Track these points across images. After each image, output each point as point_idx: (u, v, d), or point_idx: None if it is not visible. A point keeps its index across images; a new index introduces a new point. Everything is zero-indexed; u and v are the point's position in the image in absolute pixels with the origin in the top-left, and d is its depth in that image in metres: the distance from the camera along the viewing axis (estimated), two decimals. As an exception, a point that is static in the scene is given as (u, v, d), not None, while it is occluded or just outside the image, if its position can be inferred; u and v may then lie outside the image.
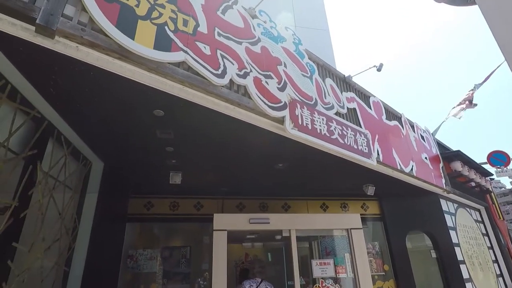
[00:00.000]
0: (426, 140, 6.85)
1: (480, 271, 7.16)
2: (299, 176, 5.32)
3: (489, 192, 9.57)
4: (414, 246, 6.80)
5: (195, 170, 4.73)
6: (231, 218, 3.97)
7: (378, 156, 4.63)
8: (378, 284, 5.97)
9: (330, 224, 4.32)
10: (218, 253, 3.70)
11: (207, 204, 5.80)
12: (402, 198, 6.61)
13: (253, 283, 4.22)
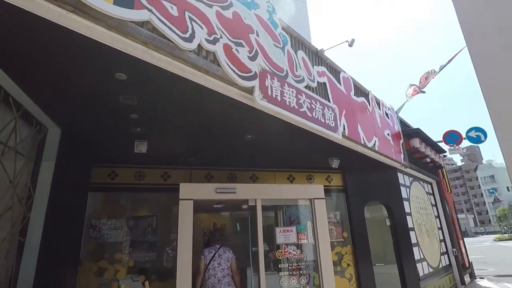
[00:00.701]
0: (390, 117, 7.15)
1: (426, 237, 7.91)
2: (268, 148, 5.37)
3: (441, 168, 10.38)
4: (372, 216, 7.31)
5: (162, 139, 4.60)
6: (198, 187, 3.97)
7: (344, 130, 4.77)
8: (337, 249, 6.41)
9: (294, 194, 4.47)
10: (184, 222, 3.72)
11: (175, 175, 5.73)
12: (364, 171, 6.96)
13: (212, 250, 4.31)
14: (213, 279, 4.07)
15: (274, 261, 4.10)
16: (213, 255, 4.21)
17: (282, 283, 3.97)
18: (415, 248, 7.07)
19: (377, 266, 6.65)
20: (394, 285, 6.65)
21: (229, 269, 4.21)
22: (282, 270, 4.03)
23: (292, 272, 4.06)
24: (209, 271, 4.12)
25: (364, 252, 6.50)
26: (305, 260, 4.21)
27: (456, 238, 9.90)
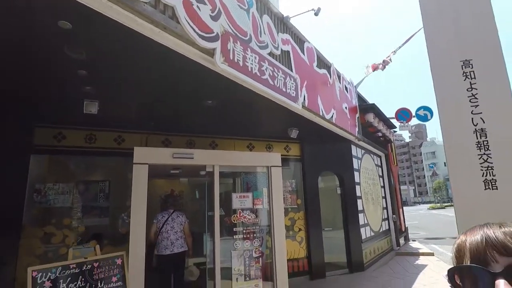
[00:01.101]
0: (349, 91, 7.38)
1: (371, 205, 8.61)
2: (228, 115, 5.31)
3: (391, 142, 11.14)
4: (325, 185, 7.73)
5: (115, 100, 4.32)
6: (153, 152, 3.84)
7: (304, 101, 4.84)
8: (290, 215, 6.76)
9: (252, 161, 4.53)
10: (139, 187, 3.62)
11: (130, 139, 5.48)
12: (320, 142, 7.24)
13: (165, 214, 4.45)
14: (167, 241, 4.25)
15: (230, 226, 4.21)
16: (166, 219, 4.37)
17: (236, 245, 4.12)
18: (361, 215, 7.68)
19: (326, 230, 7.17)
20: (340, 247, 7.26)
21: (182, 232, 4.41)
22: (237, 233, 4.16)
23: (247, 235, 4.21)
24: (163, 234, 4.29)
25: (315, 218, 6.93)
26: (259, 225, 4.38)
27: (396, 206, 10.93)
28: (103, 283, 3.06)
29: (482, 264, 0.52)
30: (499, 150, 2.34)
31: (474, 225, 0.60)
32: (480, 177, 2.34)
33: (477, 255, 0.53)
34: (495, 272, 0.49)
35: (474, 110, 2.39)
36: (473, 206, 2.29)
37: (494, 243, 0.52)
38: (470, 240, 0.56)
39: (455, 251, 0.60)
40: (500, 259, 0.50)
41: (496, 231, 0.54)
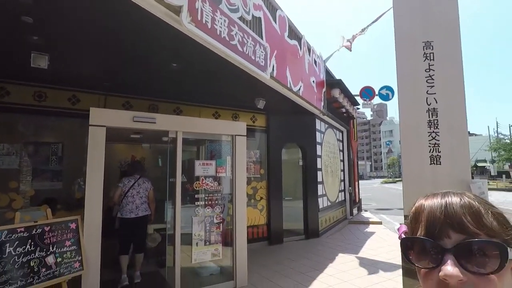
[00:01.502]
0: (318, 66, 7.42)
1: (330, 177, 9.06)
2: (194, 80, 5.13)
3: (353, 119, 11.57)
4: (288, 158, 7.94)
5: (69, 55, 3.95)
6: (112, 114, 3.61)
7: (272, 71, 4.78)
8: (253, 184, 6.91)
9: (216, 129, 4.46)
10: (95, 150, 3.43)
11: (86, 99, 5.12)
12: (286, 114, 7.31)
13: (132, 179, 4.52)
14: (132, 205, 4.35)
15: (191, 193, 4.21)
16: (133, 184, 4.44)
17: (197, 211, 4.15)
18: (320, 186, 8.06)
19: (286, 200, 7.47)
20: (298, 215, 7.64)
21: (147, 197, 4.54)
22: (199, 200, 4.18)
23: (208, 202, 4.25)
24: (128, 198, 4.37)
25: (277, 188, 7.17)
26: (222, 192, 4.43)
27: (353, 179, 11.61)
28: (56, 247, 2.96)
29: (435, 237, 0.51)
30: (446, 129, 2.51)
31: (417, 197, 0.60)
32: (427, 153, 2.52)
33: (432, 226, 0.51)
34: (446, 248, 0.49)
35: (430, 90, 2.52)
36: (418, 180, 2.48)
37: (451, 217, 0.50)
38: (429, 209, 0.54)
39: (412, 216, 0.57)
40: (453, 235, 0.49)
41: (456, 203, 0.52)
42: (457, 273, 0.46)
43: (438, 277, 0.48)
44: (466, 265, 0.47)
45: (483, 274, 0.46)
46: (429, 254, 0.50)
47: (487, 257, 0.47)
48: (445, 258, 0.48)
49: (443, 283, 0.48)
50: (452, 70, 2.47)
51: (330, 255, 6.04)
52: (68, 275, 3.01)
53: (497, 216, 0.52)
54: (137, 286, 4.36)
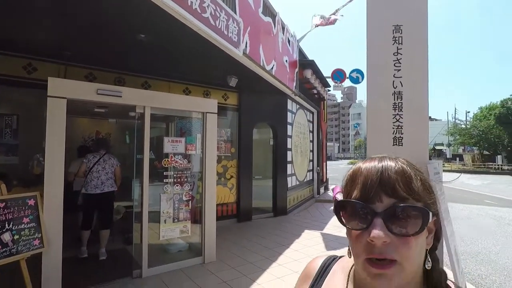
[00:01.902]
0: (291, 45, 7.37)
1: (299, 157, 9.27)
2: (164, 54, 4.91)
3: (324, 100, 11.78)
4: (259, 137, 7.99)
5: (22, 19, 3.59)
6: (73, 85, 3.37)
7: (245, 48, 4.69)
8: (223, 162, 6.91)
9: (187, 106, 4.34)
10: (55, 124, 3.20)
11: (43, 68, 4.74)
12: (258, 94, 7.28)
13: (97, 155, 4.48)
14: (97, 181, 4.35)
15: (160, 171, 4.12)
16: (97, 160, 4.41)
17: (165, 188, 4.09)
18: (289, 165, 8.24)
19: (256, 179, 7.58)
20: (267, 194, 7.81)
21: (113, 173, 4.54)
22: (168, 177, 4.11)
23: (177, 179, 4.20)
24: (93, 174, 4.35)
25: (247, 167, 7.23)
26: (191, 170, 4.38)
27: (321, 160, 11.98)
28: (12, 224, 2.80)
29: (368, 200, 0.52)
30: (409, 112, 2.63)
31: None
32: (390, 135, 2.64)
33: (368, 190, 0.53)
34: (376, 212, 0.51)
35: (396, 74, 2.60)
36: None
37: (385, 183, 0.52)
38: (366, 173, 0.55)
39: (349, 178, 0.59)
40: (385, 199, 0.52)
41: (391, 169, 0.54)
42: (382, 235, 0.49)
43: (366, 239, 0.51)
44: (392, 228, 0.50)
45: (405, 235, 0.50)
46: (360, 216, 0.52)
47: (411, 221, 0.50)
48: (374, 221, 0.50)
49: (370, 244, 0.50)
50: (418, 55, 2.56)
51: (297, 231, 6.28)
52: (26, 253, 2.88)
53: (423, 182, 0.56)
54: (103, 262, 4.31)
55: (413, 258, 0.51)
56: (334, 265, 0.71)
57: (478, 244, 5.72)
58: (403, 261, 0.50)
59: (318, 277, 0.70)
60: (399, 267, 0.50)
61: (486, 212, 8.98)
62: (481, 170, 29.07)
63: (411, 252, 0.51)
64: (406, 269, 0.51)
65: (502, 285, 3.95)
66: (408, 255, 0.50)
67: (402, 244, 0.50)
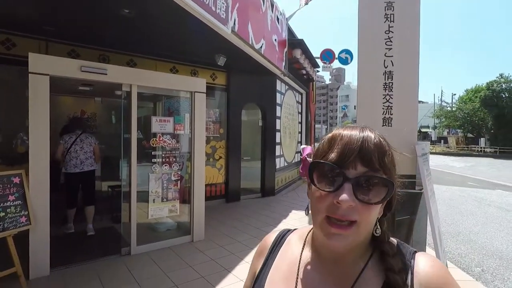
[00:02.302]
0: (280, 23, 7.23)
1: (288, 138, 9.33)
2: (150, 31, 4.74)
3: (312, 81, 11.74)
4: (248, 118, 7.95)
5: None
6: (56, 61, 3.22)
7: (234, 25, 4.58)
8: (212, 143, 6.89)
9: (175, 85, 4.24)
10: (38, 102, 3.08)
11: (23, 44, 4.52)
12: (247, 74, 7.18)
13: (73, 135, 4.44)
14: (76, 161, 4.37)
15: (148, 151, 4.08)
16: (74, 140, 4.39)
17: (154, 168, 4.07)
18: (278, 147, 8.30)
19: (245, 160, 7.61)
20: (256, 175, 7.88)
21: (92, 152, 4.54)
22: (156, 157, 4.08)
23: (166, 159, 4.17)
24: (71, 154, 4.36)
25: (236, 148, 7.24)
26: (180, 150, 4.35)
27: (310, 141, 12.09)
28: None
29: (343, 166, 0.54)
30: (399, 92, 2.66)
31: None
32: (380, 115, 2.67)
33: (346, 156, 0.55)
34: (348, 177, 0.53)
35: (388, 52, 2.60)
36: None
37: (364, 152, 0.54)
38: (347, 139, 0.56)
39: (326, 141, 0.60)
40: (360, 167, 0.54)
41: (371, 140, 0.56)
42: (350, 200, 0.52)
43: (332, 200, 0.54)
44: (358, 194, 0.53)
45: (368, 203, 0.54)
46: (331, 179, 0.55)
47: (377, 191, 0.54)
48: (345, 186, 0.53)
49: (334, 205, 0.53)
50: (410, 33, 2.56)
51: (284, 211, 6.41)
52: (13, 230, 2.86)
53: (392, 157, 0.59)
54: (92, 240, 4.33)
55: (369, 222, 0.56)
56: (289, 235, 0.74)
57: (459, 225, 5.97)
58: (360, 224, 0.54)
59: (273, 249, 0.72)
60: (356, 229, 0.54)
61: (468, 193, 9.33)
62: (464, 153, 29.97)
63: (369, 218, 0.55)
64: (361, 231, 0.55)
65: (480, 263, 4.17)
66: (367, 219, 0.55)
67: (364, 209, 0.53)
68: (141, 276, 3.35)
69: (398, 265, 0.56)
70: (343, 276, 0.59)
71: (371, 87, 2.69)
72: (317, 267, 0.63)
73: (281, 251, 0.71)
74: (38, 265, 3.17)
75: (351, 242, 0.55)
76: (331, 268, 0.60)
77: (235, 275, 3.43)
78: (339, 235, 0.54)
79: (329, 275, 0.60)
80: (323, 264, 0.62)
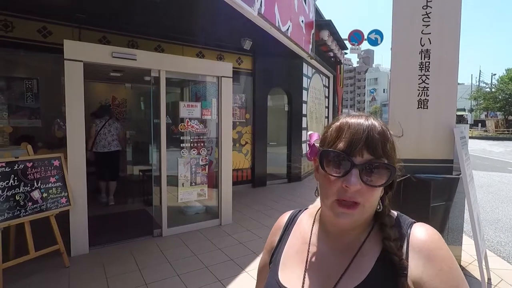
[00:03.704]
0: (307, 4, 6.98)
1: (315, 123, 9.16)
2: (176, 16, 4.75)
3: (340, 64, 11.35)
4: (273, 103, 7.87)
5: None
6: (88, 47, 3.33)
7: (260, 7, 4.47)
8: (238, 128, 6.92)
9: (202, 70, 4.25)
10: (73, 87, 3.23)
11: (58, 32, 4.70)
12: (273, 57, 7.05)
13: (103, 120, 5.19)
14: (104, 142, 5.15)
15: (176, 136, 4.16)
16: (104, 124, 5.16)
17: (183, 153, 4.15)
18: (304, 132, 8.18)
19: (271, 145, 7.59)
20: (282, 160, 7.85)
21: (117, 135, 5.30)
22: (184, 142, 4.16)
23: (194, 144, 4.24)
24: (101, 136, 5.13)
25: (262, 133, 7.22)
26: (207, 135, 4.41)
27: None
28: (40, 183, 2.94)
29: (351, 153, 0.59)
30: (436, 72, 2.49)
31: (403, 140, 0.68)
32: (415, 97, 2.53)
33: (354, 144, 0.60)
34: (355, 163, 0.59)
35: (425, 30, 2.43)
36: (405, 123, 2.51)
37: (370, 141, 0.60)
38: (354, 130, 0.61)
39: (334, 129, 0.65)
40: (366, 155, 0.59)
41: (376, 129, 0.61)
42: (358, 184, 0.58)
43: (340, 184, 0.60)
44: (364, 178, 0.59)
45: (373, 186, 0.60)
46: (340, 165, 0.60)
47: (380, 175, 0.60)
48: (352, 171, 0.59)
49: (343, 189, 0.60)
50: (450, 8, 2.37)
51: (310, 197, 6.33)
52: (55, 210, 3.06)
53: (393, 144, 0.65)
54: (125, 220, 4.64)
55: (373, 202, 0.62)
56: (301, 214, 0.83)
57: (498, 212, 5.65)
58: (365, 204, 0.60)
59: (287, 227, 0.81)
60: (361, 208, 0.60)
61: (509, 179, 8.77)
62: (504, 137, 28.02)
63: (373, 198, 0.61)
64: (366, 210, 0.62)
65: (520, 251, 3.94)
66: (371, 200, 0.61)
67: (368, 191, 0.60)
68: (172, 256, 3.49)
69: (395, 235, 0.63)
70: (347, 247, 0.66)
71: (405, 67, 2.54)
72: (325, 241, 0.71)
73: (294, 228, 0.79)
74: (78, 243, 3.39)
75: (356, 219, 0.62)
76: (338, 241, 0.68)
77: (262, 258, 3.48)
78: (346, 214, 0.60)
79: (335, 247, 0.68)
80: (330, 238, 0.70)
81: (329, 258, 0.68)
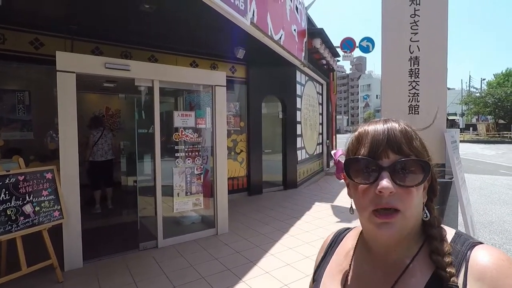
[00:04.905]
0: (299, 13, 7.09)
1: (309, 130, 9.21)
2: (169, 26, 4.79)
3: (333, 71, 11.49)
4: (268, 112, 7.90)
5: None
6: (81, 58, 3.33)
7: (253, 17, 4.52)
8: (233, 137, 6.92)
9: (195, 79, 4.27)
10: (66, 99, 3.21)
11: (50, 43, 4.69)
12: (266, 66, 7.12)
13: (99, 131, 5.49)
14: (101, 151, 5.49)
15: (170, 146, 4.15)
16: (100, 134, 5.48)
17: (177, 163, 4.14)
18: (299, 139, 8.21)
19: (266, 152, 7.59)
20: (277, 167, 7.85)
21: (111, 145, 5.64)
22: (179, 151, 4.14)
23: (188, 153, 4.23)
24: (98, 146, 5.45)
25: (257, 141, 7.23)
26: (202, 144, 4.40)
27: (331, 133, 11.89)
28: (32, 197, 2.90)
29: (376, 157, 0.57)
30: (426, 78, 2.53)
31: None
32: (406, 103, 2.56)
33: (376, 148, 0.57)
34: (383, 166, 0.56)
35: (413, 37, 2.48)
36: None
37: (391, 141, 0.57)
38: (373, 133, 0.59)
39: (354, 139, 0.63)
40: (392, 155, 0.57)
41: (396, 129, 0.59)
42: (390, 186, 0.54)
43: (374, 192, 0.56)
44: (397, 180, 0.55)
45: (408, 186, 0.56)
46: (368, 172, 0.57)
47: (414, 173, 0.56)
48: (382, 175, 0.55)
49: (377, 196, 0.55)
50: (437, 16, 2.42)
51: (307, 204, 6.36)
52: (48, 224, 3.01)
53: (421, 141, 0.61)
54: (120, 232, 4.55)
55: (413, 206, 0.57)
56: (348, 233, 0.79)
57: (491, 214, 5.70)
58: (405, 210, 0.55)
59: (331, 246, 0.78)
60: (401, 215, 0.55)
61: (501, 182, 8.87)
62: (495, 140, 28.47)
63: (412, 202, 0.56)
64: (407, 218, 0.56)
65: (514, 253, 3.97)
66: (410, 204, 0.56)
67: (405, 194, 0.55)
68: (168, 268, 3.44)
69: (445, 249, 0.56)
70: (392, 266, 0.60)
71: (396, 74, 2.58)
72: (367, 260, 0.66)
73: (339, 247, 0.76)
74: (72, 257, 3.33)
75: (399, 229, 0.56)
76: (381, 260, 0.62)
77: (260, 267, 3.45)
78: (386, 224, 0.55)
79: (378, 266, 0.62)
80: (373, 257, 0.64)
81: (371, 278, 0.63)
